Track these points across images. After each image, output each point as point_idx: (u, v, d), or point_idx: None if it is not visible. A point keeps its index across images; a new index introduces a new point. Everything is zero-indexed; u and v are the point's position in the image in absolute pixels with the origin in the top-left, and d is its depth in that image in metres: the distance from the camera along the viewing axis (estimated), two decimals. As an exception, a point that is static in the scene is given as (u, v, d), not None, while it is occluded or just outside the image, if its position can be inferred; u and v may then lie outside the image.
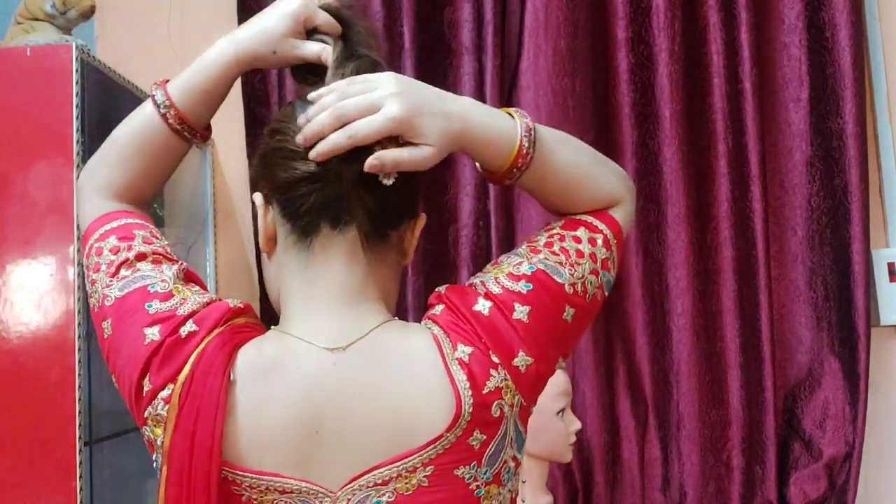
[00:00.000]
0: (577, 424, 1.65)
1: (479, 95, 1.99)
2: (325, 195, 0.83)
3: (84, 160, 1.52)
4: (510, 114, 0.90)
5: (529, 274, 0.86)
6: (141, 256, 0.88)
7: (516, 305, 0.85)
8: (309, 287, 0.85)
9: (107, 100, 1.70)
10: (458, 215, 1.99)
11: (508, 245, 1.98)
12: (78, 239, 1.49)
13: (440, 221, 1.99)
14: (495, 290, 0.86)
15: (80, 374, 1.45)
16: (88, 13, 1.68)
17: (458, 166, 2.00)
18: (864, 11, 2.02)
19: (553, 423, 1.61)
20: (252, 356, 0.83)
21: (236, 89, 2.09)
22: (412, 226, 0.90)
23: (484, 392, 0.82)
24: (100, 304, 0.87)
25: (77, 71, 1.53)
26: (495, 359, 0.83)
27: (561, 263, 0.87)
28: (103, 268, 0.88)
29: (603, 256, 0.90)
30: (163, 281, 0.86)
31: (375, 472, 0.81)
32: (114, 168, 0.95)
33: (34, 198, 1.51)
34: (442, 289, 0.89)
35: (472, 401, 0.81)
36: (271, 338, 0.85)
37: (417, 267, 1.96)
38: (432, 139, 0.83)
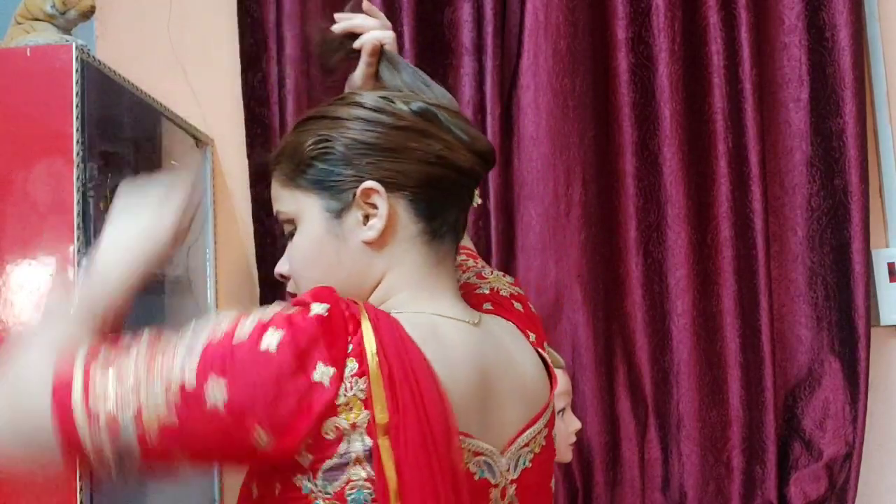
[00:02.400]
0: (577, 424, 1.65)
1: (479, 95, 1.99)
2: (460, 207, 0.93)
3: (84, 160, 1.52)
4: None
5: (512, 281, 1.09)
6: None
7: (528, 304, 1.05)
8: (436, 280, 0.91)
9: (107, 100, 1.70)
10: (458, 215, 1.99)
11: (508, 245, 1.98)
12: (78, 239, 1.49)
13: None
14: (514, 292, 1.05)
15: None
16: (88, 13, 1.68)
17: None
18: (864, 11, 2.02)
19: (553, 423, 1.61)
20: (408, 321, 0.83)
21: (236, 88, 2.11)
22: None
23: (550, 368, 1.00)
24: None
25: (77, 71, 1.53)
26: (544, 344, 1.01)
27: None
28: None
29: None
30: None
31: (525, 433, 0.90)
32: None
33: (34, 198, 1.51)
34: (482, 290, 1.03)
35: (550, 374, 0.98)
36: (405, 312, 0.86)
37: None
38: None
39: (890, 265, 2.00)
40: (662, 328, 1.97)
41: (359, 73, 1.05)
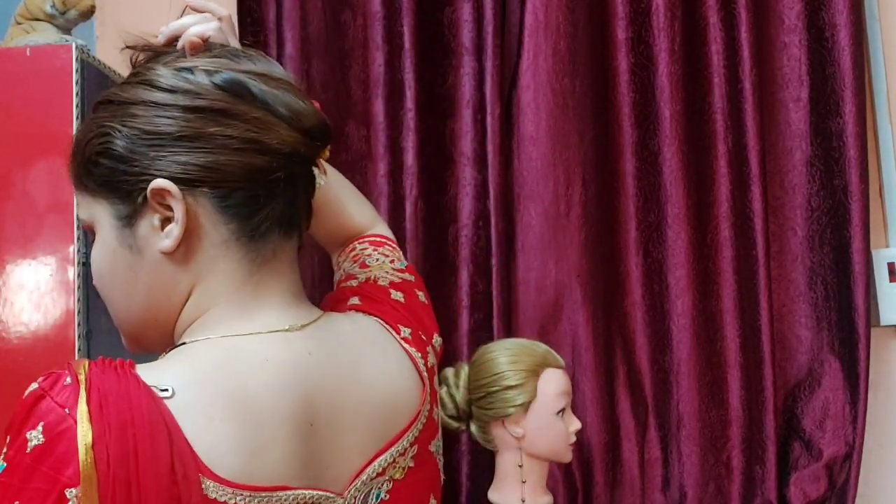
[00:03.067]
0: (577, 424, 1.65)
1: (479, 95, 1.99)
2: (285, 201, 0.76)
3: (84, 160, 1.52)
4: None
5: (404, 267, 0.96)
6: None
7: (416, 291, 0.92)
8: (255, 288, 0.76)
9: (107, 100, 1.70)
10: (458, 215, 1.99)
11: (508, 245, 1.98)
12: (78, 239, 1.49)
13: (440, 221, 1.99)
14: (395, 279, 0.91)
15: (80, 374, 1.45)
16: (88, 13, 1.68)
17: (458, 166, 2.00)
18: (864, 11, 2.01)
19: (553, 423, 1.61)
20: (196, 365, 0.71)
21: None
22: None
23: (429, 366, 0.85)
24: None
25: (77, 71, 1.53)
26: (424, 337, 0.87)
27: (399, 260, 0.99)
28: None
29: (405, 264, 0.99)
30: None
31: (375, 462, 0.76)
32: None
33: (34, 198, 1.51)
34: (351, 283, 0.92)
35: (427, 374, 0.84)
36: (210, 338, 0.74)
37: (417, 267, 1.96)
38: None
39: (890, 265, 1.99)
40: (662, 328, 1.97)
41: None
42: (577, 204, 1.96)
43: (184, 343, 0.75)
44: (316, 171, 0.80)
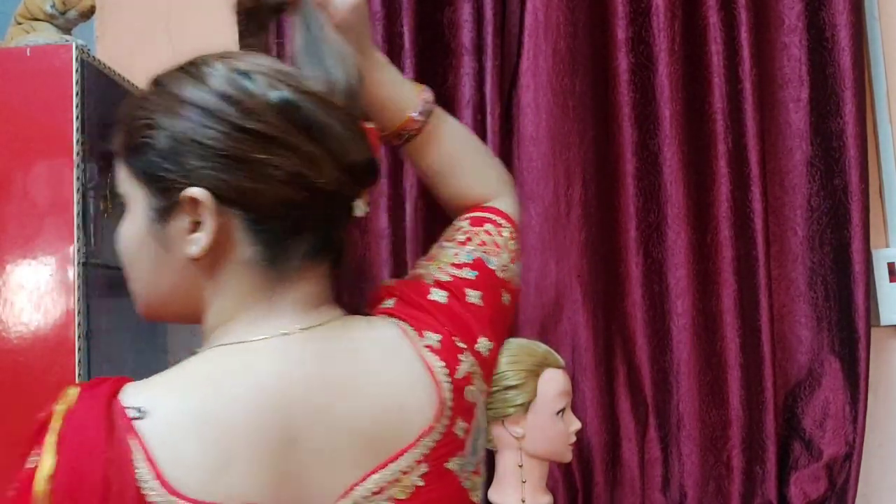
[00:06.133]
0: (577, 424, 1.65)
1: (479, 95, 1.98)
2: (316, 234, 0.75)
3: (84, 160, 1.52)
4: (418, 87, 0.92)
5: (470, 262, 0.86)
6: None
7: (468, 291, 0.83)
8: (269, 304, 0.74)
9: (107, 100, 1.70)
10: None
11: (508, 245, 1.98)
12: (78, 239, 1.49)
13: (440, 222, 1.98)
14: (444, 278, 0.84)
15: (79, 374, 1.45)
16: (88, 13, 1.68)
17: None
18: (864, 11, 2.01)
19: (553, 423, 1.61)
20: (158, 384, 0.70)
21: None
22: None
23: (457, 377, 0.78)
24: None
25: (77, 71, 1.53)
26: (461, 344, 0.80)
27: (488, 252, 0.88)
28: None
29: (512, 248, 0.91)
30: None
31: (369, 479, 0.71)
32: None
33: (34, 197, 1.51)
34: (389, 282, 0.87)
35: (450, 386, 0.77)
36: (202, 356, 0.74)
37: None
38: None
39: (890, 265, 1.99)
40: (662, 328, 1.97)
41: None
42: (577, 204, 1.96)
43: (198, 350, 0.75)
44: (359, 202, 0.77)
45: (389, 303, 0.83)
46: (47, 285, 1.49)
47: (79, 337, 1.47)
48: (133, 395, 0.68)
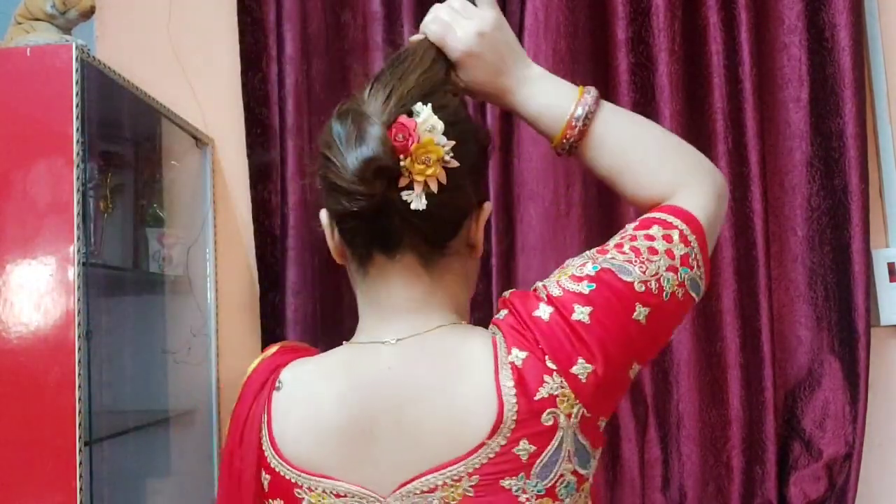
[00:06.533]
0: (577, 424, 1.65)
1: (479, 95, 1.98)
2: (373, 229, 0.83)
3: (84, 160, 1.52)
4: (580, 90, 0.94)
5: (593, 274, 0.83)
6: None
7: (576, 307, 0.81)
8: (370, 302, 0.88)
9: (107, 100, 1.70)
10: (458, 215, 1.99)
11: (508, 245, 1.98)
12: (78, 239, 1.49)
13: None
14: (556, 292, 0.83)
15: (80, 374, 1.45)
16: (88, 13, 1.68)
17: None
18: (864, 11, 2.01)
19: (553, 423, 1.61)
20: (305, 363, 0.89)
21: (236, 88, 2.11)
22: (476, 218, 0.90)
23: (535, 399, 0.79)
24: None
25: (77, 71, 1.53)
26: (552, 365, 0.79)
27: (630, 261, 0.83)
28: None
29: (681, 253, 0.85)
30: None
31: (424, 478, 0.80)
32: None
33: (34, 198, 1.51)
34: (507, 293, 0.88)
35: (517, 408, 0.78)
36: (337, 349, 0.89)
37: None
38: (475, 82, 0.95)
39: (890, 265, 1.99)
40: (662, 328, 1.97)
41: None
42: (577, 204, 1.96)
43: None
44: (412, 193, 0.80)
45: (501, 314, 0.86)
46: (47, 285, 1.49)
47: (79, 337, 1.47)
48: (289, 368, 0.88)
